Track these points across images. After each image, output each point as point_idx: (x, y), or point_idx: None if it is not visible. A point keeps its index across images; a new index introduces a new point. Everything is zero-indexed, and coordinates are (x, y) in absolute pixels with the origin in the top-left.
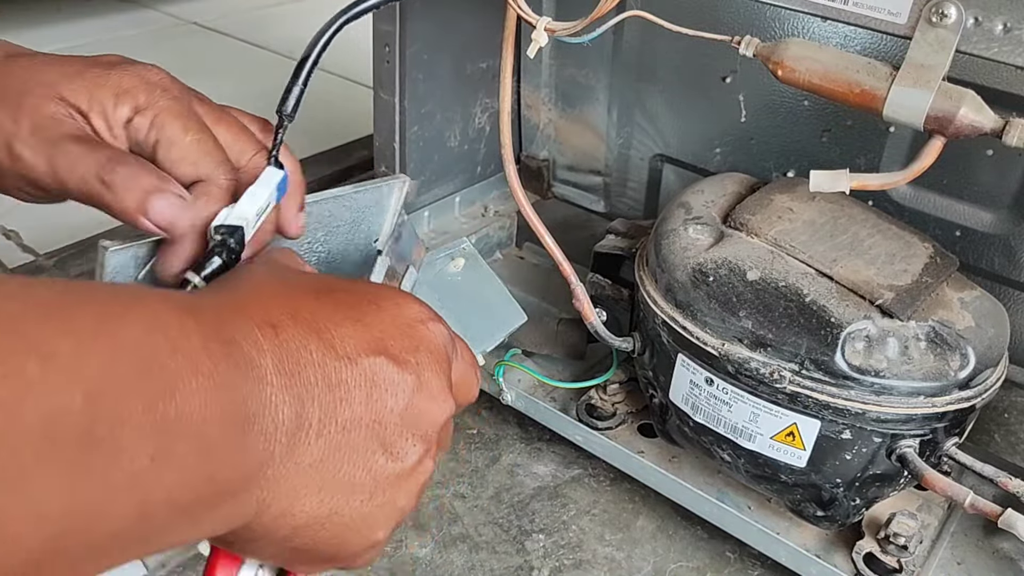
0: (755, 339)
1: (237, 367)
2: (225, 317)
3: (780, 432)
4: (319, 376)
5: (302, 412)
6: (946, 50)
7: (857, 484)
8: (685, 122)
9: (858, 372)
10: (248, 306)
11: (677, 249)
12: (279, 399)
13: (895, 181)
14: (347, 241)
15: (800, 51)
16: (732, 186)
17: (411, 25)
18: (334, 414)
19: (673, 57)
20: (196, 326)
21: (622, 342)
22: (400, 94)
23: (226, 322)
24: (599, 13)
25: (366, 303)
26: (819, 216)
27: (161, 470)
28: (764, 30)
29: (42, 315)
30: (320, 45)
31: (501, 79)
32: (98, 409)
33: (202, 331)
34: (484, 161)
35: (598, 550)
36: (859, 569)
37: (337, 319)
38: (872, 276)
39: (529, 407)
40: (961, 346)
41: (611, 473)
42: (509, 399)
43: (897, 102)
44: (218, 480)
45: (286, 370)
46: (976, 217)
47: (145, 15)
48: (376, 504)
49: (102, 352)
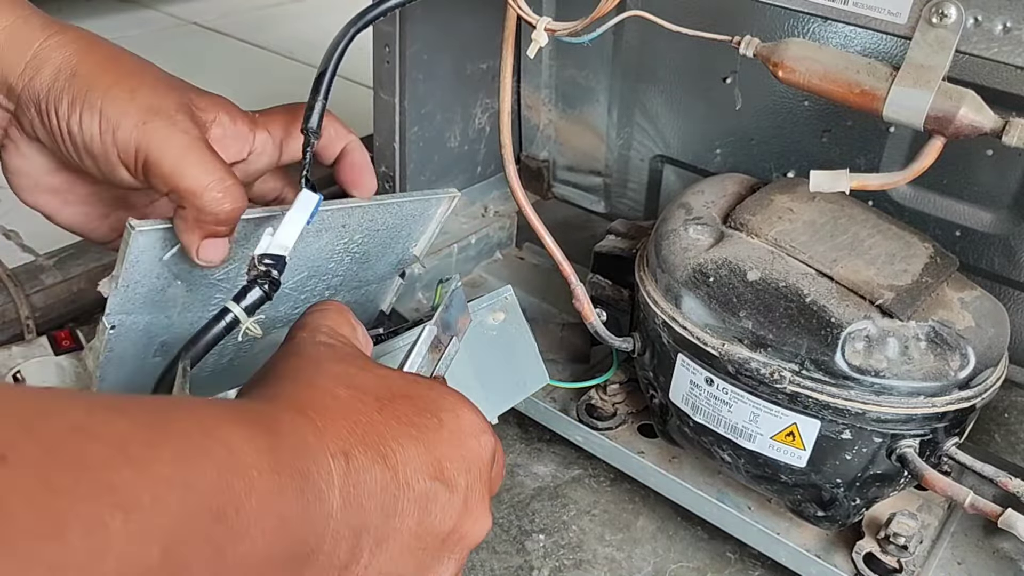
0: (755, 339)
1: (308, 504)
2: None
3: (780, 432)
4: (380, 506)
5: (357, 546)
6: (946, 50)
7: (857, 484)
8: (685, 122)
9: (858, 372)
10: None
11: (677, 249)
12: (339, 534)
13: (895, 181)
14: (384, 245)
15: (800, 51)
16: (732, 186)
17: (411, 25)
18: (385, 545)
19: (673, 57)
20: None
21: (622, 342)
22: (400, 94)
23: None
24: (599, 13)
25: (427, 415)
26: (819, 216)
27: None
28: (764, 30)
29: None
30: (336, 57)
31: (501, 79)
32: (172, 560)
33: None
34: (484, 161)
35: (598, 550)
36: (859, 569)
37: (401, 439)
38: (872, 276)
39: (529, 407)
40: (961, 346)
41: (611, 473)
42: None
43: (897, 102)
44: None
45: (351, 503)
46: (976, 217)
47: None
48: None
49: (177, 499)
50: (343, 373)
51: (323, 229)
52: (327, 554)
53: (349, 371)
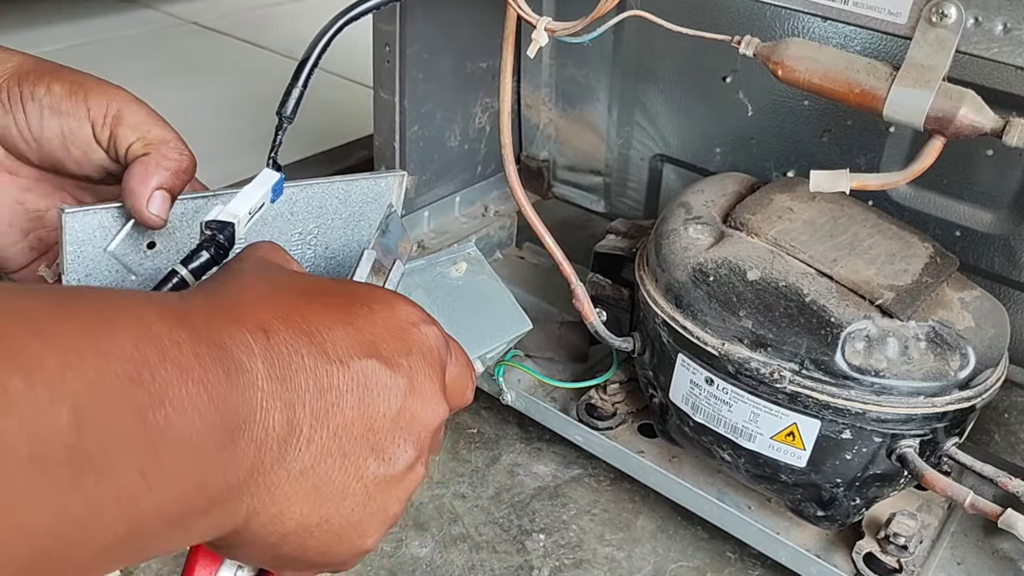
0: (755, 339)
1: (228, 373)
2: (215, 322)
3: (780, 432)
4: (310, 381)
5: (293, 418)
6: (946, 50)
7: (857, 484)
8: (685, 122)
9: (858, 372)
10: (238, 309)
11: (677, 249)
12: (270, 405)
13: (895, 181)
14: (347, 236)
15: (800, 51)
16: (732, 186)
17: (411, 25)
18: (325, 420)
19: (673, 57)
20: (186, 333)
21: (622, 342)
22: (400, 94)
23: (216, 327)
24: (599, 13)
25: (357, 305)
26: (819, 216)
27: (151, 483)
28: (764, 30)
29: (27, 328)
30: (320, 47)
31: (501, 79)
32: (85, 424)
33: (192, 338)
34: (484, 161)
35: (598, 550)
36: (859, 569)
37: (328, 322)
38: (872, 276)
39: (529, 407)
40: (961, 346)
41: (611, 473)
42: (509, 399)
43: (897, 102)
44: (208, 489)
45: (277, 375)
46: (976, 217)
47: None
48: (367, 512)
49: (89, 365)
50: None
51: (270, 217)
52: (260, 424)
53: (274, 274)
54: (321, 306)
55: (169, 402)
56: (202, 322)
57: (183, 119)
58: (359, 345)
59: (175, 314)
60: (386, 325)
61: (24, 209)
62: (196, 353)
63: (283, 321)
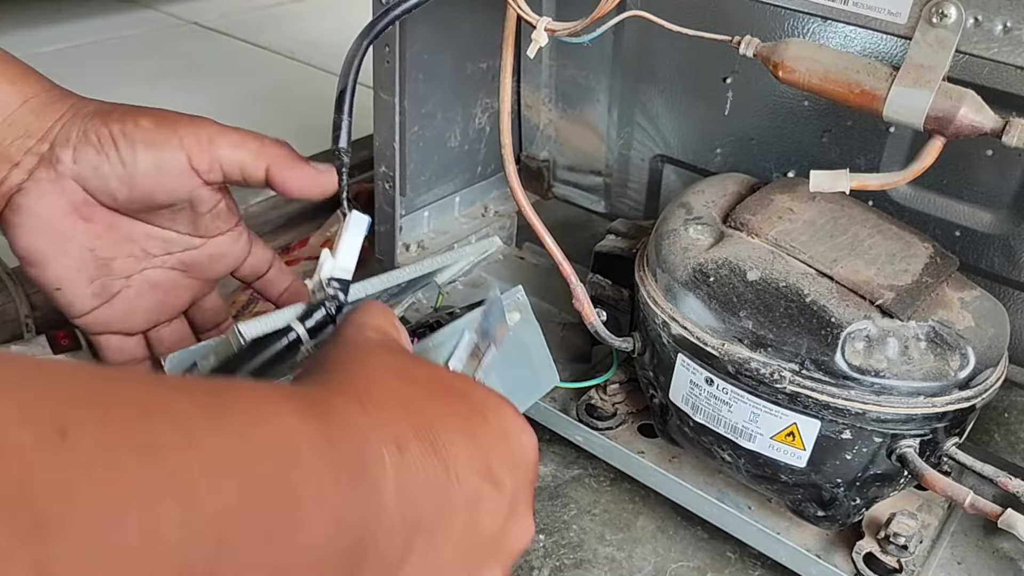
0: (755, 339)
1: (362, 495)
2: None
3: (780, 432)
4: (432, 499)
5: (410, 541)
6: (946, 50)
7: (857, 484)
8: (685, 122)
9: (858, 372)
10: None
11: (677, 249)
12: (394, 528)
13: (895, 181)
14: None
15: (800, 51)
16: (732, 186)
17: (411, 26)
18: (437, 544)
19: (673, 57)
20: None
21: (622, 342)
22: (400, 94)
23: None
24: (599, 13)
25: (477, 415)
26: (819, 216)
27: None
28: (764, 30)
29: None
30: (353, 72)
31: (501, 79)
32: (225, 546)
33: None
34: (484, 161)
35: (598, 550)
36: (859, 569)
37: (452, 435)
38: (872, 276)
39: (529, 407)
40: (961, 346)
41: (611, 473)
42: None
43: (897, 102)
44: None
45: (405, 496)
46: (976, 217)
47: (145, 15)
48: None
49: (236, 488)
50: (394, 364)
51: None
52: (381, 550)
53: (400, 362)
54: (447, 412)
55: (305, 529)
56: (340, 431)
57: None
58: (477, 463)
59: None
60: (499, 439)
61: (93, 256)
62: (336, 477)
63: (416, 436)
